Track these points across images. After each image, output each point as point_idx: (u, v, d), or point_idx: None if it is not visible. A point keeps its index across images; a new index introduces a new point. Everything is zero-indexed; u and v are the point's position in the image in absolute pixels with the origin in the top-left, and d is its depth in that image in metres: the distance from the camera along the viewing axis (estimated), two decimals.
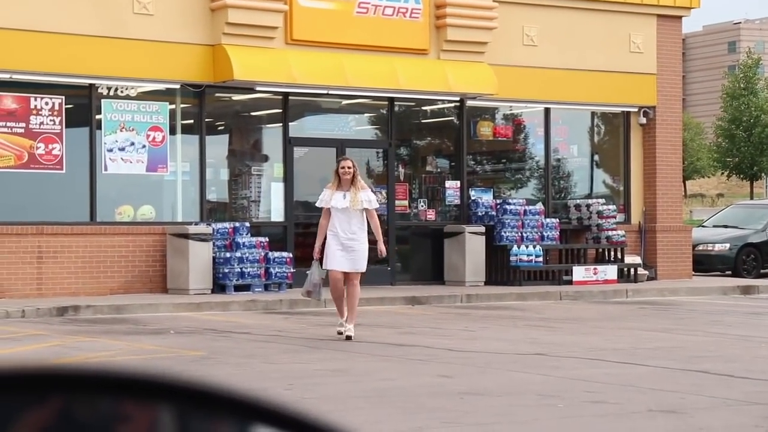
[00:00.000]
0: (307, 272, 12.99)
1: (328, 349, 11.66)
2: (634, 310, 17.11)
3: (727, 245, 25.39)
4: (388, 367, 10.36)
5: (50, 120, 17.28)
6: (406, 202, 20.48)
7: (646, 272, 21.68)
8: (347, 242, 12.37)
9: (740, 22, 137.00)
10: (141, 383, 1.29)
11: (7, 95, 17.05)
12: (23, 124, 17.10)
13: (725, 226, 26.50)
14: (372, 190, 13.48)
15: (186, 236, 17.66)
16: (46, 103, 17.27)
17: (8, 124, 17.02)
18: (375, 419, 7.51)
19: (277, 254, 18.27)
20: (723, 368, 10.13)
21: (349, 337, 12.22)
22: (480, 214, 20.60)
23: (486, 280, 20.04)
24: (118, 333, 13.31)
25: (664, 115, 22.50)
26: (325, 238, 12.52)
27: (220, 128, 19.70)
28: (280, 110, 19.37)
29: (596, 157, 22.78)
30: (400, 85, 19.64)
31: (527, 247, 20.31)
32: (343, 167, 12.68)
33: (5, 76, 16.94)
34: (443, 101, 20.89)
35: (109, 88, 17.83)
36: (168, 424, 1.29)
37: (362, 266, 12.54)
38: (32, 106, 17.17)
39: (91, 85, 17.64)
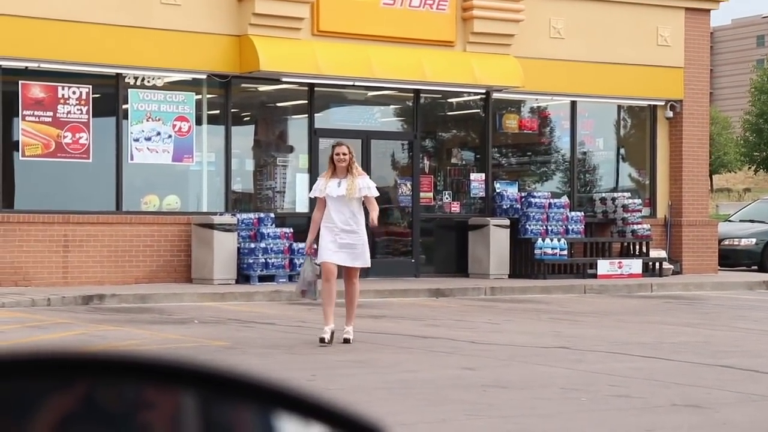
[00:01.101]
0: (299, 269, 12.00)
1: (352, 340, 11.65)
2: (658, 305, 17.05)
3: (754, 240, 25.25)
4: (411, 359, 10.35)
5: (77, 109, 17.36)
6: (431, 195, 20.47)
7: (672, 266, 21.59)
8: (345, 234, 11.17)
9: None
10: (165, 370, 1.29)
11: (34, 84, 17.14)
12: (50, 113, 17.20)
13: (752, 221, 26.34)
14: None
15: (211, 226, 17.72)
16: (74, 93, 17.35)
17: (36, 113, 17.12)
18: (398, 411, 7.51)
19: (301, 245, 18.26)
20: (748, 363, 10.09)
21: (347, 341, 11.11)
22: (505, 206, 20.56)
23: (510, 273, 20.01)
24: (143, 322, 13.37)
25: (691, 109, 22.38)
26: (320, 231, 11.41)
27: (245, 119, 19.74)
28: (306, 101, 19.38)
29: (622, 151, 22.70)
30: (426, 77, 19.62)
31: (552, 240, 20.27)
32: (338, 153, 11.36)
33: (33, 65, 17.04)
34: (469, 93, 20.85)
35: (135, 78, 17.90)
36: (191, 410, 1.29)
37: (364, 261, 11.31)
38: (59, 96, 17.26)
39: (118, 74, 17.72)
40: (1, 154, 17.02)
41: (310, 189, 19.18)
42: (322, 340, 10.99)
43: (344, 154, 11.33)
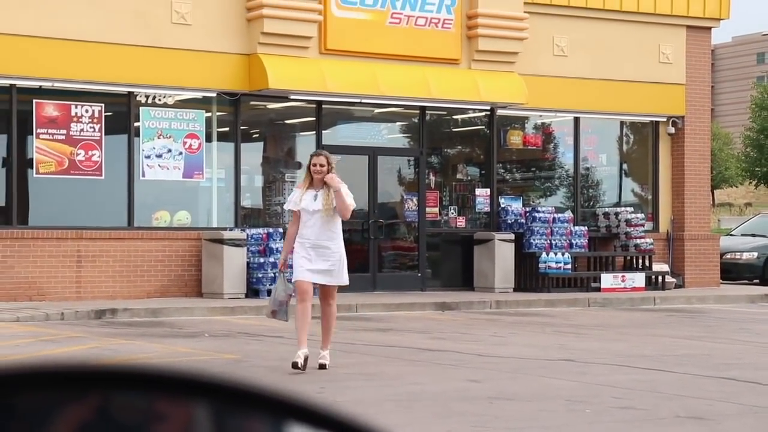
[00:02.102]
0: (270, 287, 11.20)
1: (359, 353, 11.75)
2: (661, 318, 17.14)
3: (755, 254, 25.39)
4: (418, 371, 10.44)
5: (90, 127, 17.61)
6: (436, 210, 20.64)
7: (674, 280, 21.74)
8: (320, 250, 10.32)
9: None
10: (177, 382, 1.30)
11: (48, 103, 17.39)
12: (64, 131, 17.44)
13: (753, 235, 26.47)
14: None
15: (221, 241, 17.92)
16: (86, 111, 17.59)
17: (49, 131, 17.36)
18: (405, 422, 7.59)
19: None
20: (750, 376, 10.14)
21: (323, 366, 10.24)
22: (509, 221, 20.74)
23: (515, 286, 20.18)
24: (154, 336, 13.48)
25: (693, 125, 22.57)
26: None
27: (254, 136, 19.96)
28: (314, 118, 19.59)
29: (625, 166, 22.87)
30: (431, 95, 19.82)
31: (556, 254, 20.44)
32: (314, 164, 10.40)
33: (47, 85, 17.28)
34: (474, 110, 21.06)
35: (147, 96, 18.14)
36: (203, 422, 1.29)
37: (341, 278, 10.44)
38: (73, 114, 17.50)
39: (129, 93, 17.96)
40: (16, 171, 17.26)
41: None
42: (294, 365, 10.02)
43: (322, 165, 10.37)
